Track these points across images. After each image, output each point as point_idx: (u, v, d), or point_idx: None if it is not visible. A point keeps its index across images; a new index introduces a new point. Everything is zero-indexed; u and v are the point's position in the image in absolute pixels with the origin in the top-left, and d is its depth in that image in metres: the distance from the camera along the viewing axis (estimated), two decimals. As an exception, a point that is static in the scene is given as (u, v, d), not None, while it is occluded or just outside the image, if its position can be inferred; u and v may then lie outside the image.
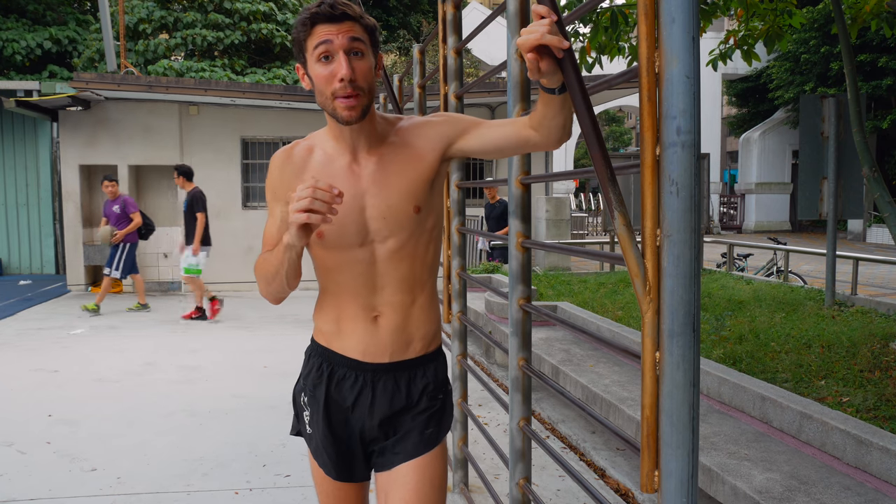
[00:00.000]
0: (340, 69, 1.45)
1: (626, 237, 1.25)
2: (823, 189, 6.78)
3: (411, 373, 1.65)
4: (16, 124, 12.31)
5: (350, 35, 1.46)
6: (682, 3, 1.12)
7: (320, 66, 1.47)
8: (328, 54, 1.46)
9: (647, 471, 1.25)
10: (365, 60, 1.48)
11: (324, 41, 1.45)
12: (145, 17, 15.31)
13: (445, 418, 1.71)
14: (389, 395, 1.64)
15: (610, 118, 42.00)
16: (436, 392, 1.68)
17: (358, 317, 1.62)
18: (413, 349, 1.65)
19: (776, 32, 5.76)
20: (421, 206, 1.58)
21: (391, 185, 1.56)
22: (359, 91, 1.47)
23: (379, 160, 1.57)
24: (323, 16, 1.45)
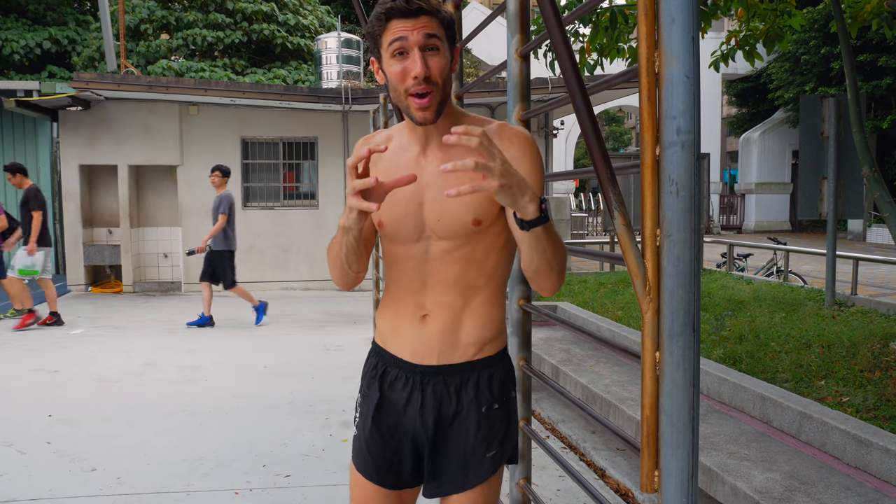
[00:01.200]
0: (415, 66, 1.40)
1: (626, 237, 1.25)
2: (823, 189, 6.78)
3: (462, 377, 1.57)
4: (16, 124, 12.30)
5: (425, 31, 1.41)
6: (682, 3, 1.12)
7: (395, 62, 1.43)
8: (403, 50, 1.42)
9: (647, 471, 1.25)
10: (440, 56, 1.43)
11: (398, 38, 1.41)
12: (146, 17, 15.31)
13: (509, 437, 1.61)
14: (439, 400, 1.57)
15: (610, 118, 42.00)
16: (491, 402, 1.58)
17: (408, 315, 1.58)
18: (463, 353, 1.57)
19: (776, 33, 5.76)
20: (482, 220, 1.50)
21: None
22: (433, 87, 1.42)
23: (446, 158, 1.50)
24: (398, 11, 1.40)
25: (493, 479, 1.59)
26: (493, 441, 1.57)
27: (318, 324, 8.08)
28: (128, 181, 10.58)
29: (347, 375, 5.49)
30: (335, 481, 3.48)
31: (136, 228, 10.91)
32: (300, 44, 16.07)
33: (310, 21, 16.61)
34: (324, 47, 11.96)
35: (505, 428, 1.59)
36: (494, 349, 1.60)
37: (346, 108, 10.54)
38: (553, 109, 2.73)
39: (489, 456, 1.57)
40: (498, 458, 1.58)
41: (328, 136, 11.12)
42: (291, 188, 11.33)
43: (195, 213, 10.88)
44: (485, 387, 1.57)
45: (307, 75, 15.56)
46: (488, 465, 1.57)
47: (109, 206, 11.10)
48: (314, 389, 5.12)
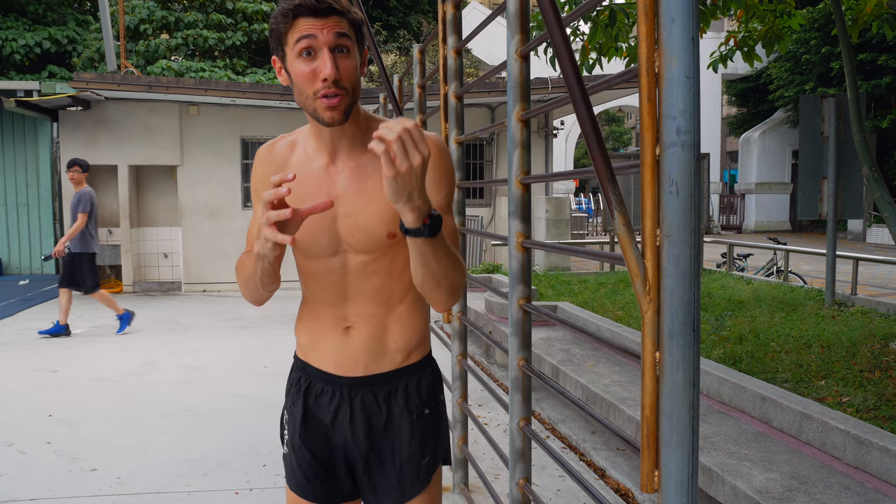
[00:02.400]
0: (325, 68, 1.33)
1: (626, 237, 1.25)
2: (823, 189, 6.78)
3: (390, 387, 1.53)
4: (16, 124, 12.31)
5: (336, 31, 1.34)
6: (681, 3, 1.12)
7: (301, 62, 1.35)
8: (311, 50, 1.34)
9: (647, 471, 1.25)
10: (350, 58, 1.37)
11: (306, 35, 1.33)
12: (146, 17, 15.31)
13: (441, 441, 1.59)
14: (368, 412, 1.53)
15: (610, 118, 42.01)
16: (421, 407, 1.55)
17: (330, 328, 1.54)
18: (389, 361, 1.53)
19: (776, 34, 5.76)
20: (396, 233, 1.44)
21: (363, 204, 1.44)
22: (343, 91, 1.36)
23: (356, 169, 1.46)
24: (307, 8, 1.32)
25: (431, 485, 1.57)
26: (426, 447, 1.55)
27: (318, 324, 8.08)
28: (128, 181, 10.58)
29: (347, 375, 5.49)
30: (335, 481, 3.49)
31: (136, 228, 10.91)
32: (300, 44, 16.07)
33: (310, 21, 16.61)
34: (324, 47, 11.96)
35: (436, 432, 1.57)
36: (420, 355, 1.57)
37: (346, 108, 10.54)
38: (553, 109, 2.72)
39: (424, 462, 1.54)
40: (433, 464, 1.56)
41: (328, 136, 11.12)
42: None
43: (195, 213, 10.89)
44: (413, 393, 1.55)
45: (307, 75, 15.56)
46: (424, 472, 1.54)
47: (109, 206, 11.10)
48: (314, 389, 5.12)
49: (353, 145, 1.46)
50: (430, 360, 1.62)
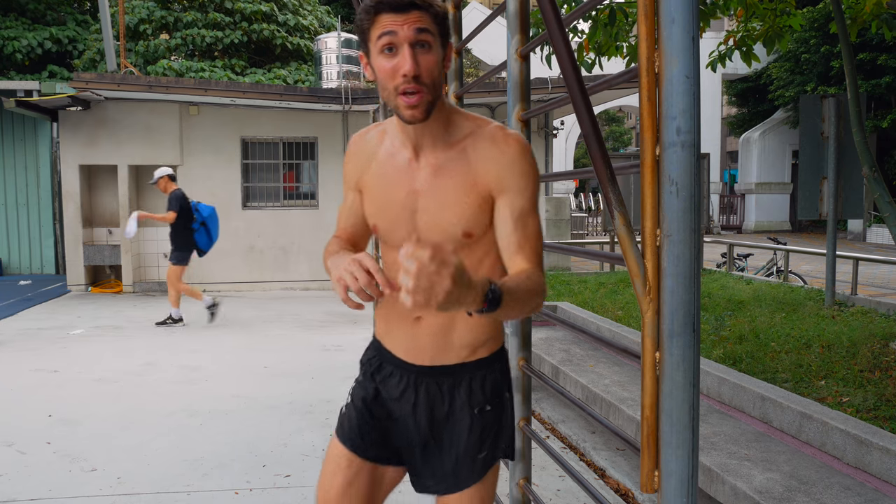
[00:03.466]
0: (404, 64, 1.34)
1: (626, 237, 1.25)
2: (823, 189, 6.78)
3: (455, 380, 1.56)
4: (16, 124, 12.31)
5: (416, 26, 1.34)
6: (681, 3, 1.12)
7: (383, 58, 1.36)
8: (392, 46, 1.35)
9: (647, 471, 1.25)
10: (432, 54, 1.36)
11: (388, 31, 1.34)
12: (146, 17, 15.31)
13: (501, 438, 1.60)
14: (432, 400, 1.57)
15: (610, 118, 42.00)
16: (482, 405, 1.57)
17: (403, 316, 1.57)
18: (455, 355, 1.55)
19: (776, 33, 5.76)
20: (473, 233, 1.47)
21: (441, 202, 1.46)
22: (423, 87, 1.36)
23: (437, 166, 1.47)
24: (387, 4, 1.33)
25: (485, 478, 1.59)
26: (485, 442, 1.57)
27: (318, 324, 8.08)
28: (128, 181, 10.58)
29: (347, 375, 5.47)
30: (335, 481, 3.48)
31: (137, 228, 10.90)
32: (300, 44, 16.07)
33: (309, 21, 16.61)
34: (324, 47, 11.96)
35: (497, 429, 1.59)
36: (488, 351, 1.59)
37: (346, 108, 10.54)
38: (553, 109, 2.71)
39: (481, 457, 1.57)
40: (490, 459, 1.59)
41: (328, 136, 11.12)
42: (291, 188, 11.33)
43: (195, 213, 10.88)
44: (477, 389, 1.57)
45: (307, 75, 15.57)
46: (480, 465, 1.57)
47: (109, 206, 11.10)
48: (314, 389, 5.12)
49: (435, 142, 1.47)
50: (499, 358, 1.62)
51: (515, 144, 1.45)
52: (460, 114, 1.51)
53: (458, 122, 1.49)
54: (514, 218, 1.43)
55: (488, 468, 1.59)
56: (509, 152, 1.44)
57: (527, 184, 1.44)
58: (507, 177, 1.43)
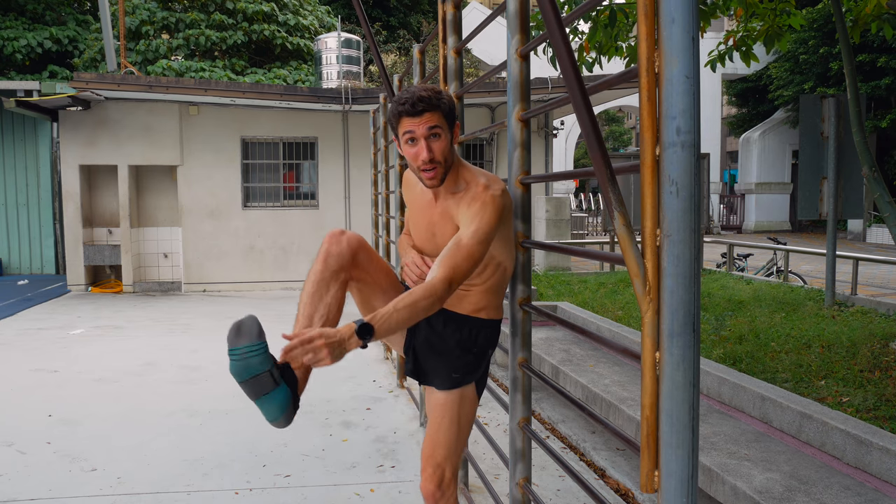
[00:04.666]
0: (422, 153, 1.93)
1: (626, 237, 1.25)
2: (823, 189, 6.78)
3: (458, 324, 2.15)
4: (16, 124, 12.31)
5: (428, 125, 1.92)
6: (681, 3, 1.12)
7: (408, 146, 1.96)
8: (413, 139, 1.94)
9: (647, 471, 1.25)
10: (442, 140, 1.95)
11: (408, 130, 1.93)
12: (147, 18, 15.30)
13: (473, 373, 2.19)
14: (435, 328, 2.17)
15: (610, 118, 42.00)
16: (470, 347, 2.15)
17: None
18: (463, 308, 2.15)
19: (775, 32, 5.76)
20: None
21: (444, 230, 2.08)
22: (437, 164, 1.95)
23: (445, 210, 2.07)
24: (406, 112, 1.91)
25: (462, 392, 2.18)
26: (460, 369, 2.16)
27: (318, 324, 8.08)
28: (128, 181, 10.58)
29: (348, 375, 5.49)
30: (335, 481, 3.48)
31: (136, 228, 10.91)
32: (300, 44, 16.07)
33: (310, 21, 16.61)
34: (324, 47, 11.96)
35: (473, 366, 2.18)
36: (486, 315, 2.17)
37: (346, 108, 10.54)
38: (553, 109, 2.71)
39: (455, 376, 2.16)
40: (460, 380, 2.17)
41: (328, 136, 11.12)
42: (291, 188, 11.33)
43: (195, 213, 10.88)
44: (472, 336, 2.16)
45: (307, 75, 15.56)
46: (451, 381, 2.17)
47: (109, 206, 11.10)
48: (314, 389, 5.10)
49: (447, 193, 2.07)
50: (493, 325, 2.20)
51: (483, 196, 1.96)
52: (468, 170, 2.07)
53: (463, 177, 2.05)
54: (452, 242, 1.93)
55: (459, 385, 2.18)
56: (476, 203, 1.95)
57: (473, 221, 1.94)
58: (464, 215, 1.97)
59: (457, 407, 2.18)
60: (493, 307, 2.18)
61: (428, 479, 2.19)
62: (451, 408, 2.18)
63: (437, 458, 2.18)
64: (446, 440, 2.17)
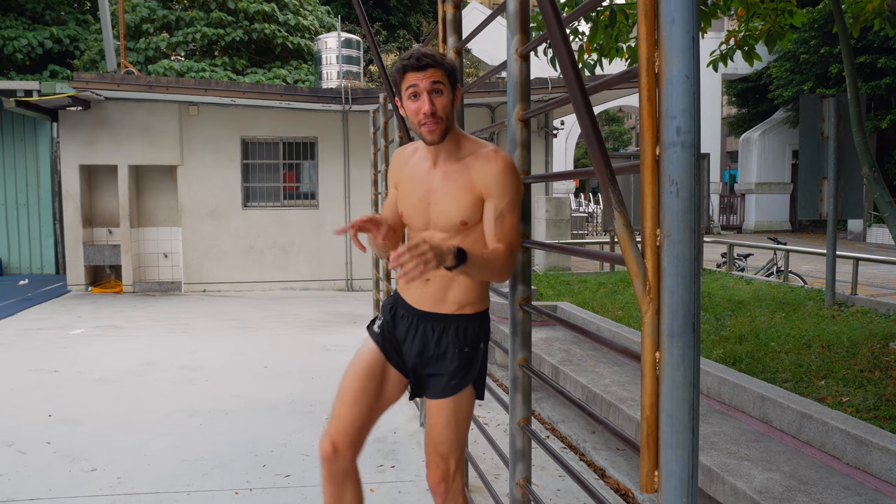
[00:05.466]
0: (424, 105, 1.93)
1: (626, 237, 1.25)
2: (823, 189, 6.78)
3: (444, 324, 2.13)
4: (16, 124, 12.31)
5: (432, 79, 1.93)
6: (682, 3, 1.12)
7: (410, 102, 1.96)
8: (416, 94, 1.94)
9: (647, 471, 1.25)
10: (444, 96, 1.95)
11: (412, 84, 1.94)
12: (147, 16, 15.30)
13: (470, 374, 2.16)
14: (426, 336, 2.15)
15: (610, 118, 42.00)
16: (461, 346, 2.12)
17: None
18: (447, 307, 2.12)
19: (777, 32, 5.75)
20: (468, 222, 2.03)
21: (447, 198, 2.04)
22: (438, 120, 1.95)
23: (447, 173, 2.04)
24: (411, 66, 1.92)
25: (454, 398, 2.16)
26: (457, 373, 2.14)
27: (318, 324, 8.08)
28: (128, 181, 10.58)
29: (347, 375, 5.48)
30: (335, 481, 3.48)
31: (136, 228, 10.91)
32: (300, 44, 16.07)
33: (310, 21, 16.61)
34: (324, 47, 11.96)
35: (469, 366, 2.15)
36: (472, 310, 2.15)
37: (346, 108, 10.55)
38: (553, 109, 2.71)
39: (453, 383, 2.14)
40: (458, 386, 2.15)
41: (328, 136, 11.12)
42: (291, 188, 11.33)
43: (195, 213, 10.89)
44: (461, 334, 2.13)
45: (307, 75, 15.56)
46: (450, 388, 2.15)
47: (109, 206, 11.10)
48: (314, 389, 5.12)
49: (447, 157, 2.06)
50: (480, 318, 2.17)
51: (501, 162, 1.98)
52: (467, 138, 2.07)
53: (464, 143, 2.06)
54: (495, 216, 1.98)
55: (458, 391, 2.16)
56: (496, 168, 1.98)
57: (505, 191, 1.98)
58: (492, 185, 1.97)
59: (453, 407, 2.19)
60: (478, 299, 2.15)
61: (433, 472, 2.24)
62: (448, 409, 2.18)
63: (440, 452, 2.21)
64: (446, 438, 2.19)
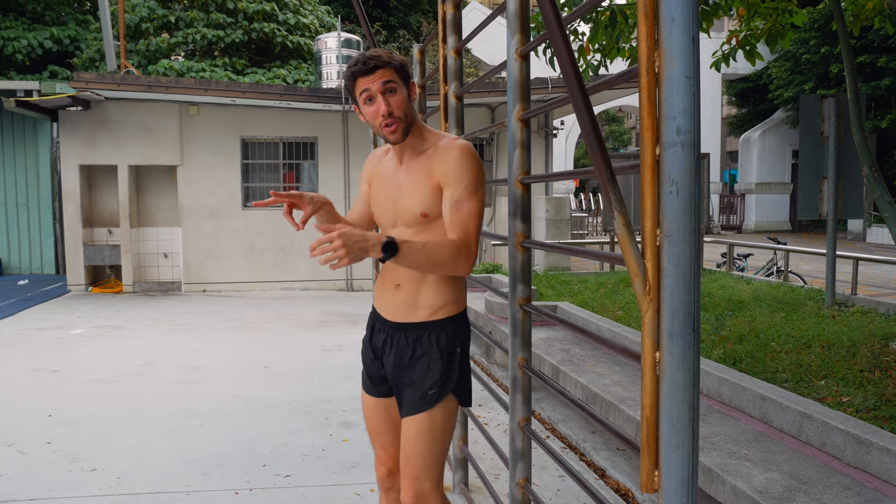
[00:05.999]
0: (380, 108, 1.92)
1: (626, 237, 1.25)
2: (823, 189, 6.78)
3: (417, 334, 2.06)
4: (16, 124, 12.31)
5: (383, 80, 1.92)
6: (682, 3, 1.12)
7: (366, 106, 1.96)
8: (370, 97, 1.94)
9: (647, 471, 1.25)
10: (398, 94, 1.94)
11: (365, 89, 1.93)
12: (147, 16, 15.30)
13: (448, 382, 2.06)
14: (400, 349, 2.08)
15: (610, 118, 41.99)
16: (438, 354, 2.05)
17: (388, 285, 2.12)
18: (419, 315, 2.06)
19: (778, 31, 5.75)
20: (428, 214, 2.00)
21: (409, 192, 2.02)
22: (396, 119, 1.94)
23: (411, 169, 2.04)
24: (359, 71, 1.92)
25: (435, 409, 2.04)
26: (434, 382, 2.05)
27: (318, 324, 8.08)
28: (128, 181, 10.58)
29: (347, 375, 5.48)
30: (335, 481, 3.48)
31: (136, 228, 10.91)
32: (300, 42, 16.06)
33: (310, 21, 16.61)
34: (324, 47, 11.96)
35: (446, 374, 2.06)
36: (445, 314, 2.07)
37: (345, 108, 10.54)
38: (553, 109, 2.71)
39: (431, 392, 2.05)
40: (437, 396, 2.05)
41: (328, 136, 11.12)
42: (291, 188, 11.33)
43: (195, 213, 10.89)
44: (434, 342, 2.06)
45: (307, 75, 15.56)
46: (429, 399, 2.04)
47: (109, 206, 11.10)
48: (314, 389, 5.12)
49: (412, 154, 2.05)
50: (455, 321, 2.10)
51: (458, 149, 1.97)
52: (430, 131, 2.07)
53: (427, 137, 2.05)
54: (451, 203, 1.95)
55: (436, 402, 2.05)
56: (452, 155, 1.97)
57: (461, 177, 1.95)
58: (448, 172, 1.96)
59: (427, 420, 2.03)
60: (451, 300, 2.07)
61: (405, 491, 2.06)
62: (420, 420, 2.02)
63: (412, 471, 2.04)
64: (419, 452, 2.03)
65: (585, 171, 1.64)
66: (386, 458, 2.24)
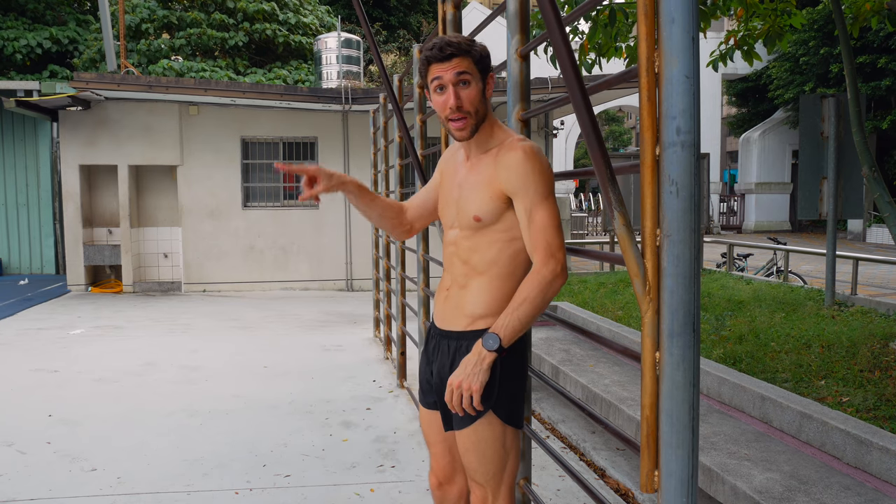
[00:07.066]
0: (449, 100, 1.79)
1: (625, 237, 1.25)
2: (823, 189, 6.78)
3: (458, 343, 1.94)
4: (16, 124, 12.31)
5: (457, 70, 1.78)
6: (681, 3, 1.12)
7: (436, 95, 1.84)
8: (442, 86, 1.81)
9: (647, 471, 1.25)
10: (472, 88, 1.80)
11: (436, 77, 1.81)
12: (147, 17, 15.30)
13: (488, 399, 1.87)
14: (443, 356, 1.98)
15: (610, 118, 41.99)
16: None
17: (441, 290, 2.02)
18: (460, 322, 1.94)
19: (776, 32, 5.76)
20: (481, 218, 1.86)
21: (468, 191, 1.90)
22: (465, 114, 1.81)
23: (475, 167, 1.91)
24: (434, 57, 1.79)
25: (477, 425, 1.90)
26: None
27: (318, 324, 8.08)
28: (128, 181, 10.58)
29: (347, 375, 5.48)
30: (335, 481, 3.48)
31: (136, 228, 10.91)
32: (301, 42, 16.06)
33: (310, 20, 16.61)
34: (324, 47, 11.96)
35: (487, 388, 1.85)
36: (486, 325, 1.89)
37: (345, 108, 10.54)
38: (553, 109, 2.71)
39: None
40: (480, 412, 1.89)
41: (328, 136, 11.12)
42: (291, 188, 11.33)
43: (195, 213, 10.88)
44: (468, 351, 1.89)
45: (307, 75, 15.56)
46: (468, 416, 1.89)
47: (109, 206, 11.10)
48: (314, 389, 5.12)
49: (479, 150, 1.91)
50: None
51: (520, 151, 1.79)
52: (500, 128, 1.91)
53: (496, 134, 1.89)
54: (524, 214, 1.79)
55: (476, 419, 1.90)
56: (514, 157, 1.78)
57: (528, 184, 1.77)
58: (513, 179, 1.78)
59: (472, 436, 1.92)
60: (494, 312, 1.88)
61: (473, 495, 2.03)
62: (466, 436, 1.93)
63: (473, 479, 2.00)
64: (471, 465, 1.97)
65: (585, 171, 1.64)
66: (437, 468, 2.16)
